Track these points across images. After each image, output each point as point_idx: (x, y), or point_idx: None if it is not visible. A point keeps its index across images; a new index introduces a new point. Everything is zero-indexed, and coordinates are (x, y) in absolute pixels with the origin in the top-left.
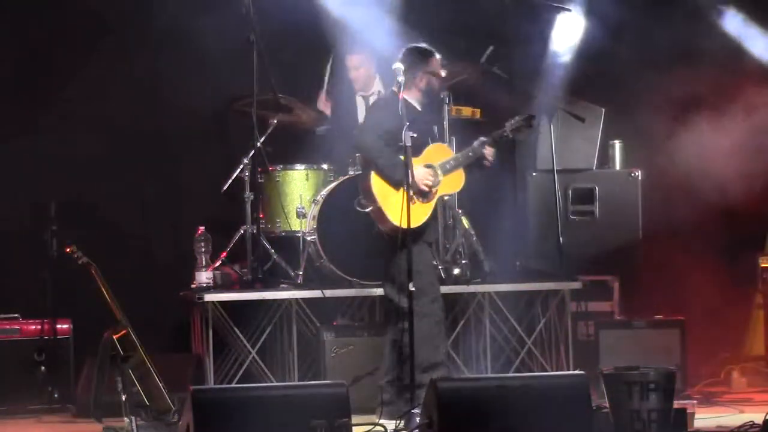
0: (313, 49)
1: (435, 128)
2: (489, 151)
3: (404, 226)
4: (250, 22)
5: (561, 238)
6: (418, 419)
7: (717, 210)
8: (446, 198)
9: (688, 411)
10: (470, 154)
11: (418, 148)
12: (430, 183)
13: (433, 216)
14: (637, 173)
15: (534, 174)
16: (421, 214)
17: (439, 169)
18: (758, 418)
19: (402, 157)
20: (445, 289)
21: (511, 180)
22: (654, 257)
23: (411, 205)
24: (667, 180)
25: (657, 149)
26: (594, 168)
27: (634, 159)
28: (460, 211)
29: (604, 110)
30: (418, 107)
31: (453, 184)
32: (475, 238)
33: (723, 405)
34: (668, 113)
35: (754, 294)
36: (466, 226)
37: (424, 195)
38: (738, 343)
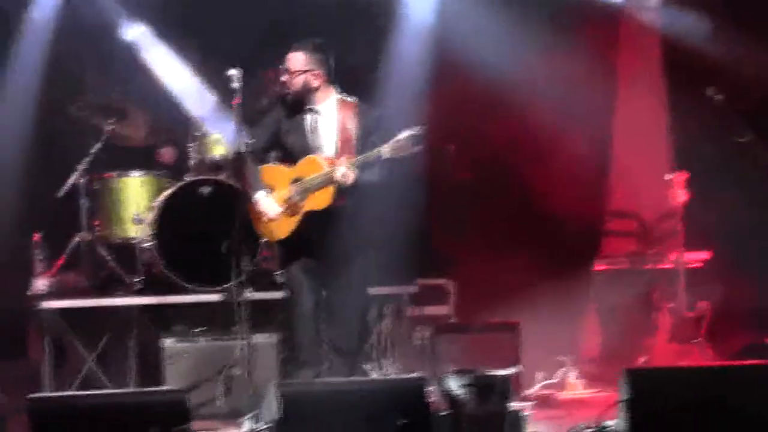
0: None
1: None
2: (343, 174)
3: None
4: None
5: None
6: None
7: (553, 212)
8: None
9: (524, 413)
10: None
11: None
12: (266, 217)
13: (310, 226)
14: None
15: None
16: (284, 227)
17: (298, 187)
18: (592, 419)
19: (260, 169)
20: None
21: None
22: (490, 260)
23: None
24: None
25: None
26: None
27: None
28: None
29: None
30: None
31: (320, 200)
32: None
33: (558, 407)
34: None
35: (587, 296)
36: None
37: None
38: (573, 345)
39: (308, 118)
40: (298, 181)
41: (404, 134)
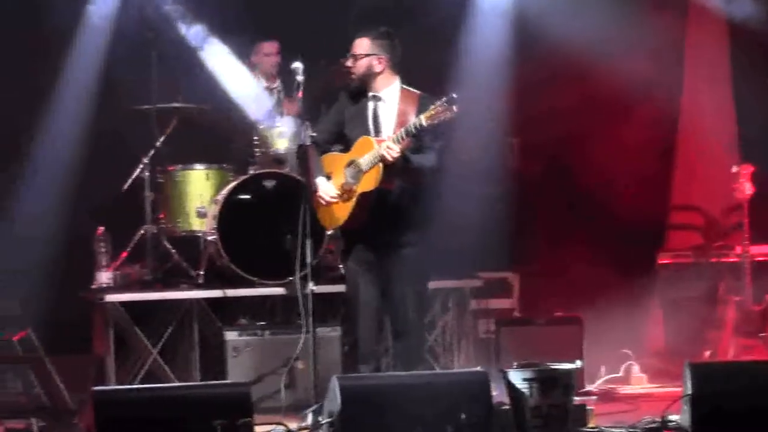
0: None
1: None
2: (387, 148)
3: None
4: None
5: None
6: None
7: (616, 206)
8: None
9: (587, 407)
10: (376, 155)
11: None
12: (323, 200)
13: (364, 211)
14: None
15: None
16: (341, 213)
17: (352, 169)
18: (657, 413)
19: (321, 158)
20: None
21: None
22: (554, 254)
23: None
24: (565, 177)
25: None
26: None
27: None
28: None
29: None
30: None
31: (368, 181)
32: None
33: (622, 401)
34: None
35: (653, 290)
36: None
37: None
38: (637, 339)
39: (370, 104)
40: (352, 163)
41: (440, 100)
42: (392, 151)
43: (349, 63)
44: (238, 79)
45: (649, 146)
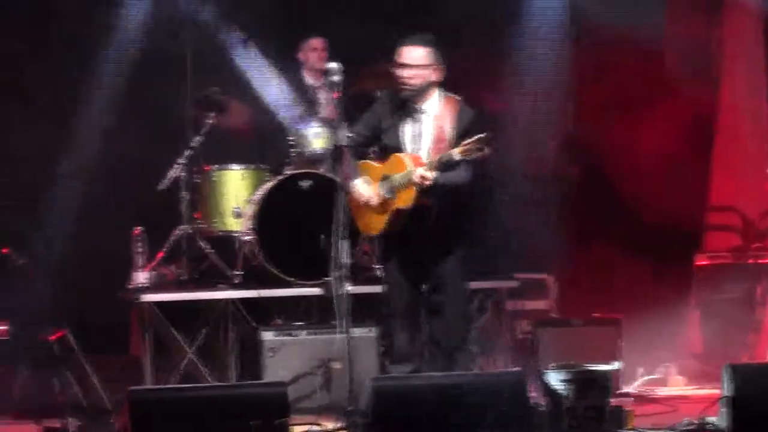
0: None
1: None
2: (421, 177)
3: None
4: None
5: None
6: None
7: (654, 208)
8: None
9: (625, 408)
10: (408, 178)
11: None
12: (362, 199)
13: (400, 222)
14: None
15: None
16: (376, 223)
17: (387, 184)
18: (695, 415)
19: (358, 162)
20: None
21: None
22: (591, 255)
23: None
24: (601, 179)
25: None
26: None
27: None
28: None
29: None
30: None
31: (405, 199)
32: None
33: (660, 402)
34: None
35: (690, 291)
36: None
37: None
38: (675, 341)
39: (411, 117)
40: (386, 178)
41: (474, 138)
42: (426, 180)
43: (404, 74)
44: (272, 82)
45: (687, 147)
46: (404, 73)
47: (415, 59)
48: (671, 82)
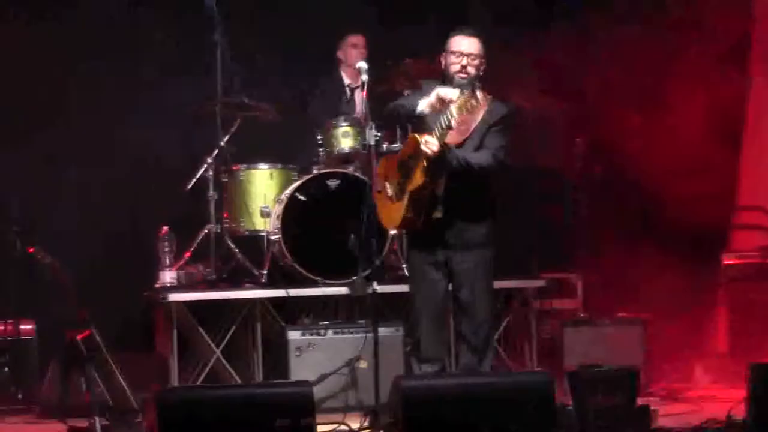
0: None
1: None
2: (425, 142)
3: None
4: (214, 22)
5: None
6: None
7: (680, 207)
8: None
9: (651, 408)
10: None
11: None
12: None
13: (418, 209)
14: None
15: None
16: (396, 212)
17: (402, 168)
18: (721, 414)
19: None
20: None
21: None
22: (617, 255)
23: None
24: (627, 178)
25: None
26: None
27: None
28: None
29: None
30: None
31: (415, 179)
32: None
33: (686, 402)
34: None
35: (717, 291)
36: None
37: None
38: (701, 341)
39: (445, 114)
40: (403, 164)
41: (465, 94)
42: (431, 144)
43: (463, 62)
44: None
45: (715, 145)
46: (462, 61)
47: (474, 49)
48: (699, 79)
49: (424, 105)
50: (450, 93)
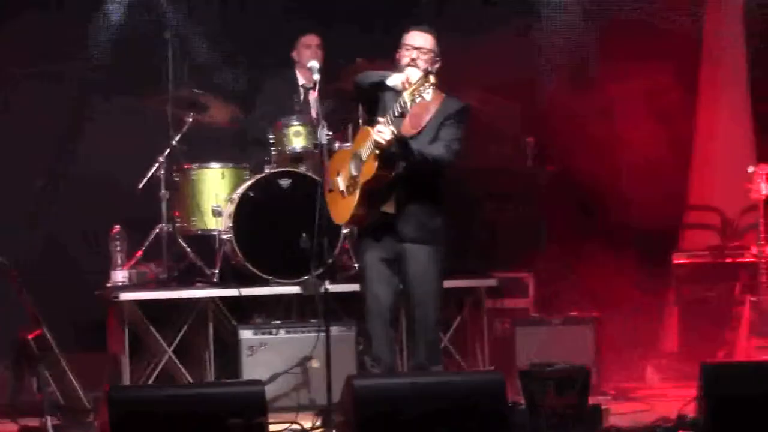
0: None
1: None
2: (377, 131)
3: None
4: (165, 20)
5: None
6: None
7: (630, 207)
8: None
9: (603, 407)
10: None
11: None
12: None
13: (371, 203)
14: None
15: None
16: (348, 206)
17: (354, 160)
18: (671, 413)
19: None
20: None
21: None
22: (569, 254)
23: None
24: (579, 177)
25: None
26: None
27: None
28: None
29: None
30: None
31: (367, 169)
32: None
33: (637, 401)
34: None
35: (667, 290)
36: None
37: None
38: (652, 340)
39: (397, 102)
40: (354, 155)
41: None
42: (382, 134)
43: (412, 55)
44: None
45: (665, 146)
46: (413, 54)
47: (424, 43)
48: (650, 79)
49: (395, 79)
50: (414, 75)
